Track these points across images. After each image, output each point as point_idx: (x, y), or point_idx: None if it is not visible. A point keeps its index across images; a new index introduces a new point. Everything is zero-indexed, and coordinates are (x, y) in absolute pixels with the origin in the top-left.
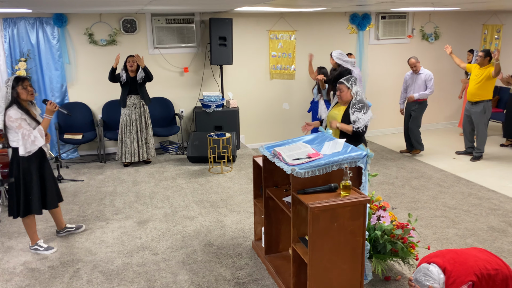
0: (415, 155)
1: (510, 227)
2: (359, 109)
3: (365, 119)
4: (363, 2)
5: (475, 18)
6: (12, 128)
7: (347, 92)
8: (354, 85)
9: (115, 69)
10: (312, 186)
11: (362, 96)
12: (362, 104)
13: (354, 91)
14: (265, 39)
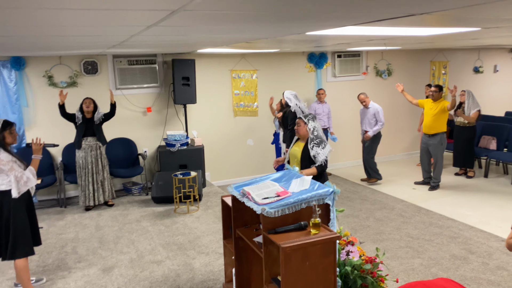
0: (373, 183)
1: (470, 254)
2: (317, 144)
3: (324, 153)
4: (321, 44)
5: (423, 56)
6: (3, 171)
7: (304, 127)
8: (311, 121)
9: (62, 105)
10: (282, 225)
11: (319, 132)
12: (319, 139)
13: (310, 126)
14: (228, 78)
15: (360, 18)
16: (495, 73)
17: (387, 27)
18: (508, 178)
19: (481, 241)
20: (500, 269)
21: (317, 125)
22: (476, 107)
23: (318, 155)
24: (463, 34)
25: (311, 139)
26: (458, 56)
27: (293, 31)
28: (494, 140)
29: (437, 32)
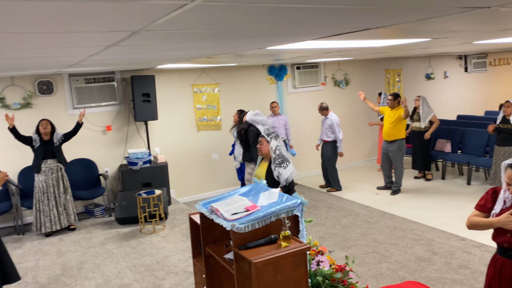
0: (332, 192)
1: (434, 255)
2: (279, 164)
3: (286, 173)
4: (280, 57)
5: (378, 65)
6: None
7: (266, 146)
8: (274, 139)
9: (13, 129)
10: (252, 239)
11: (281, 151)
12: (281, 159)
13: (272, 145)
14: (189, 93)
15: (319, 33)
16: (445, 79)
17: (345, 40)
18: (464, 178)
19: (443, 241)
20: (462, 268)
21: (279, 144)
22: (431, 112)
23: (281, 175)
24: (415, 44)
25: (273, 158)
26: (410, 64)
27: (254, 46)
28: (449, 143)
29: (391, 43)
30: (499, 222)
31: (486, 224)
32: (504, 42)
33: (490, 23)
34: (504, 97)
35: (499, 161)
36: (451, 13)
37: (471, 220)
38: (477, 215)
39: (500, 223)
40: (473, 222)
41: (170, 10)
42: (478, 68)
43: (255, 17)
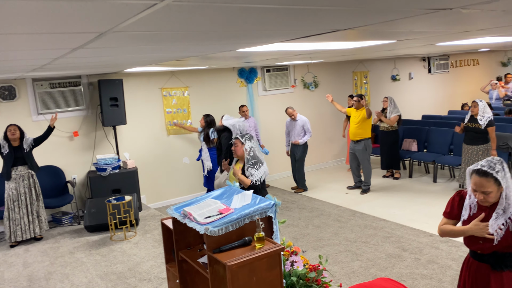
0: (300, 193)
1: (404, 251)
2: (252, 165)
3: (258, 174)
4: (250, 59)
5: (346, 67)
6: None
7: (241, 147)
8: (248, 141)
9: None
10: (226, 242)
11: (255, 152)
12: (255, 160)
13: (247, 147)
14: (158, 97)
15: (289, 35)
16: (410, 80)
17: (314, 42)
18: (430, 176)
19: (412, 238)
20: (431, 263)
21: (254, 145)
22: (397, 112)
23: (252, 176)
24: (381, 46)
25: (247, 159)
26: (377, 66)
27: (224, 49)
28: (415, 142)
29: (358, 45)
30: (470, 231)
31: (458, 232)
32: (465, 44)
33: (452, 25)
34: (465, 97)
35: (468, 159)
36: (416, 15)
37: (443, 229)
38: (446, 223)
39: (471, 231)
40: (445, 232)
41: (139, 10)
42: (441, 70)
43: (226, 18)
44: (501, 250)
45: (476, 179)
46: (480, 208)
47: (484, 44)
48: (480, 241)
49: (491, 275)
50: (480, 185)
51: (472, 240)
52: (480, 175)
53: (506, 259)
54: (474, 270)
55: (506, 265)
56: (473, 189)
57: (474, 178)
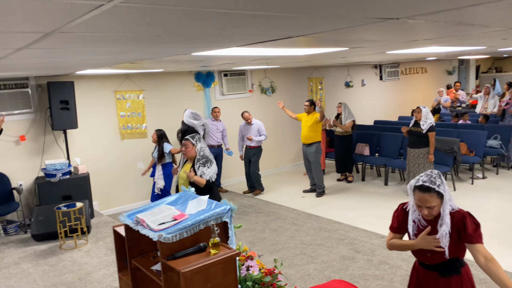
0: (257, 194)
1: (357, 253)
2: (203, 164)
3: (210, 172)
4: (207, 63)
5: (302, 73)
6: None
7: (192, 149)
8: (199, 142)
9: None
10: (181, 249)
11: (205, 152)
12: (206, 159)
13: (198, 147)
14: (112, 100)
15: (243, 40)
16: (363, 86)
17: (269, 48)
18: (382, 179)
19: (364, 240)
20: (382, 264)
21: (203, 146)
22: (351, 118)
23: (204, 174)
24: (334, 53)
25: (197, 159)
26: (331, 73)
27: (178, 52)
28: (367, 146)
29: (312, 52)
30: (418, 244)
31: (407, 247)
32: (413, 53)
33: (399, 34)
34: (415, 103)
35: (411, 162)
36: (365, 23)
37: (391, 244)
38: (394, 237)
39: (419, 245)
40: (394, 246)
41: (86, 11)
42: (391, 77)
43: (177, 21)
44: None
45: (419, 195)
46: (426, 221)
47: (431, 53)
48: (428, 254)
49: (439, 281)
50: (424, 200)
51: (420, 252)
52: (423, 191)
53: (453, 265)
54: (422, 276)
55: (453, 270)
56: (417, 204)
57: (417, 195)
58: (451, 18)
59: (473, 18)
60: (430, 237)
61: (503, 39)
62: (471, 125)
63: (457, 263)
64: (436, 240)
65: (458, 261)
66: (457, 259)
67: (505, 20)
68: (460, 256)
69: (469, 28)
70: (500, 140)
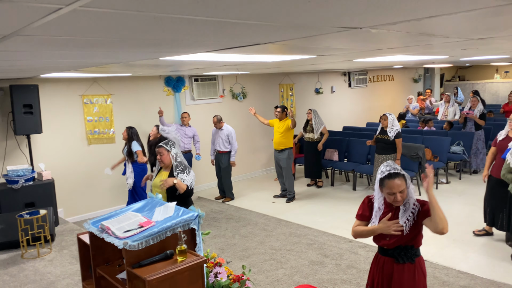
0: (227, 202)
1: (325, 258)
2: (182, 170)
3: (189, 179)
4: (176, 68)
5: (273, 79)
6: None
7: (167, 155)
8: (173, 147)
9: None
10: (147, 256)
11: (181, 158)
12: (183, 165)
13: (173, 153)
14: (79, 104)
15: (210, 46)
16: (332, 93)
17: (238, 54)
18: (350, 184)
19: (333, 244)
20: (350, 268)
21: (178, 151)
22: (321, 124)
23: (184, 181)
24: (303, 60)
25: (175, 166)
26: (302, 79)
27: (145, 56)
28: (336, 152)
29: (282, 59)
30: (379, 229)
31: (369, 232)
32: (380, 61)
33: (364, 43)
34: (382, 110)
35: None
36: (330, 32)
37: (355, 230)
38: (359, 225)
39: (380, 229)
40: (357, 232)
41: (44, 14)
42: (360, 84)
43: (141, 26)
44: (404, 244)
45: (390, 183)
46: (387, 208)
47: (397, 62)
48: (387, 238)
49: (394, 267)
50: (396, 186)
51: (380, 237)
52: (393, 177)
53: (408, 252)
54: (381, 265)
55: (407, 257)
56: (390, 193)
57: (388, 183)
58: (412, 29)
59: (433, 29)
60: (390, 222)
61: (463, 49)
62: (436, 132)
63: (412, 251)
64: (395, 224)
65: (413, 249)
66: (412, 247)
67: (462, 31)
68: (415, 244)
69: (430, 38)
70: (463, 146)
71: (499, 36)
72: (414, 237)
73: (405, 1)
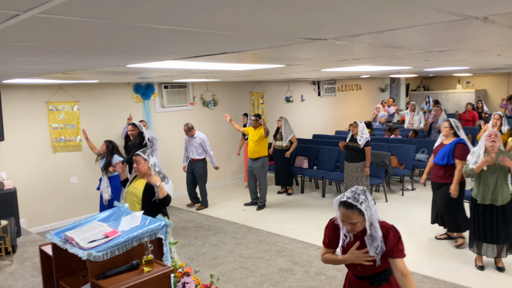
0: (201, 210)
1: (295, 265)
2: (162, 179)
3: (168, 188)
4: (145, 75)
5: (244, 87)
6: None
7: (145, 164)
8: (151, 156)
9: None
10: (112, 267)
11: (160, 167)
12: (162, 175)
13: (151, 162)
14: (44, 111)
15: (177, 54)
16: (302, 102)
17: (207, 62)
18: (320, 192)
19: (302, 251)
20: (319, 275)
21: (157, 161)
22: (291, 133)
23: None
24: (272, 69)
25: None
26: (272, 88)
27: (112, 64)
28: (306, 159)
29: (251, 68)
30: (349, 259)
31: (339, 263)
32: (347, 71)
33: (330, 53)
34: (350, 118)
35: (349, 175)
36: (296, 43)
37: (325, 259)
38: (327, 252)
39: (350, 260)
40: (328, 261)
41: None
42: (329, 93)
43: (104, 34)
44: (377, 271)
45: (343, 211)
46: (356, 236)
47: (364, 71)
48: (358, 267)
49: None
50: (347, 216)
51: (351, 266)
52: (346, 208)
53: (382, 274)
54: (354, 284)
55: (383, 279)
56: (341, 220)
57: (341, 210)
58: (375, 41)
59: (394, 41)
60: (359, 251)
61: (425, 61)
62: (401, 140)
63: (386, 272)
64: (365, 254)
65: (387, 270)
66: (386, 269)
67: (422, 44)
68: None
69: (393, 50)
70: (427, 154)
71: (456, 48)
72: (386, 260)
73: (364, 14)
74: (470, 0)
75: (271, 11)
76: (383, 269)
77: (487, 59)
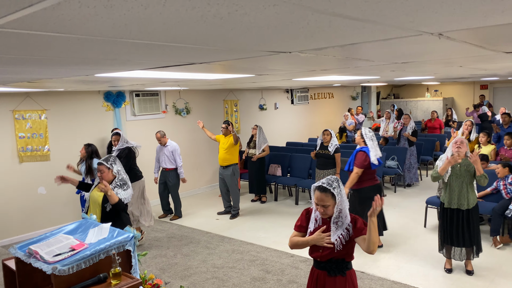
0: (174, 220)
1: (267, 274)
2: (120, 186)
3: (124, 194)
4: (115, 84)
5: (217, 95)
6: None
7: (108, 173)
8: (114, 164)
9: None
10: (79, 281)
11: (122, 175)
12: (123, 182)
13: (115, 170)
14: (10, 120)
15: (144, 64)
16: (275, 110)
17: (176, 72)
18: (293, 199)
19: (275, 260)
20: (291, 283)
21: (120, 168)
22: (265, 142)
23: (118, 194)
24: (243, 79)
25: (114, 181)
26: (246, 96)
27: (80, 73)
28: (279, 167)
29: (222, 77)
30: (313, 240)
31: (304, 243)
32: (318, 80)
33: (298, 65)
34: (322, 126)
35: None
36: (262, 55)
37: (292, 241)
38: (296, 235)
39: (314, 240)
40: (293, 242)
41: None
42: (302, 101)
43: (66, 46)
44: (336, 257)
45: (317, 194)
46: (324, 221)
47: (335, 80)
48: (320, 250)
49: (326, 280)
50: (320, 199)
51: (313, 249)
52: (321, 191)
53: (339, 265)
54: (315, 277)
55: (339, 270)
56: (315, 203)
57: (316, 194)
58: (338, 53)
59: (357, 53)
60: (323, 234)
61: (392, 71)
62: None
63: (343, 264)
64: (327, 238)
65: (344, 263)
66: (343, 260)
67: (386, 56)
68: (347, 257)
69: (357, 62)
70: (397, 161)
71: (419, 60)
72: (346, 252)
73: (324, 30)
74: (423, 18)
75: (232, 27)
76: (341, 256)
77: (450, 70)
